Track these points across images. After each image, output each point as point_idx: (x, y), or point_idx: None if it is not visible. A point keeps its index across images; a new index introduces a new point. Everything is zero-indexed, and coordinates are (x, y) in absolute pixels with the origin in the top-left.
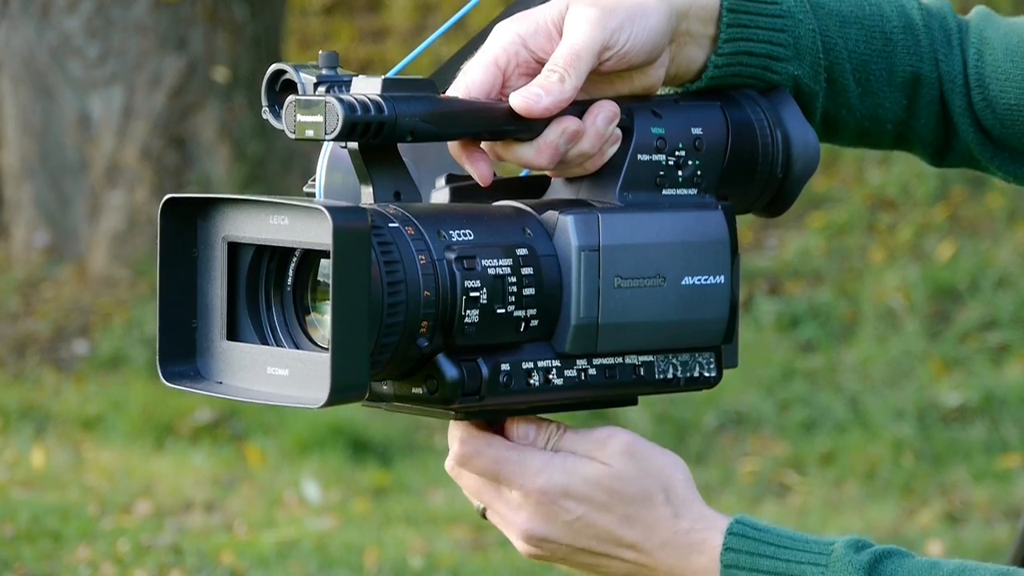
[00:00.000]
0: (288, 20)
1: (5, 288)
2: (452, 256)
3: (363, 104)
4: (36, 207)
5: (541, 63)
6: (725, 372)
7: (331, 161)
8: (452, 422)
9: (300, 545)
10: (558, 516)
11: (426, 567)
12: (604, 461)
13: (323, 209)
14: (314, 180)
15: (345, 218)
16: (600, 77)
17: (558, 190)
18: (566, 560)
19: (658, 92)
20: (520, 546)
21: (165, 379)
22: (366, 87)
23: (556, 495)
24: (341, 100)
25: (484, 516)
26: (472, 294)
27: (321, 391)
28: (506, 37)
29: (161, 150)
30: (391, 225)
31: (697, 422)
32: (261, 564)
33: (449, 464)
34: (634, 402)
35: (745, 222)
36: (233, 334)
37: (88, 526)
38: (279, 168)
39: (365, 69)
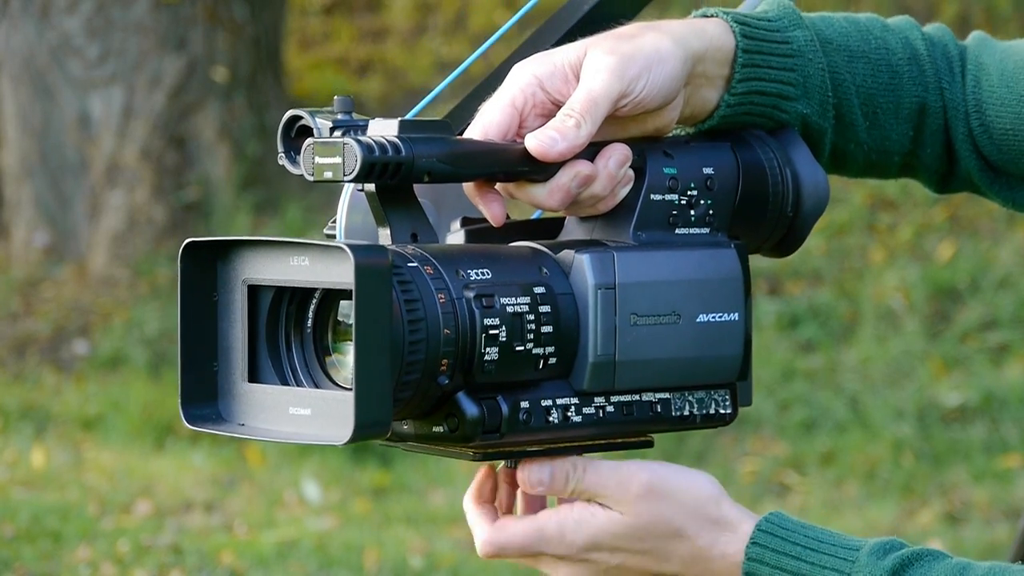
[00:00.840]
0: (288, 20)
1: (5, 288)
2: (471, 294)
3: (381, 145)
4: (36, 207)
5: (558, 105)
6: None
7: (351, 202)
8: (466, 505)
9: (300, 545)
10: (597, 566)
11: (426, 567)
12: (623, 511)
13: (345, 248)
14: (334, 222)
15: (366, 256)
16: (613, 119)
17: (572, 231)
18: None
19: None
20: None
21: (188, 422)
22: (383, 129)
23: (585, 552)
24: (359, 141)
25: None
26: (492, 331)
27: (345, 428)
28: (523, 78)
29: (161, 150)
30: (410, 264)
31: None
32: (261, 564)
33: (481, 552)
34: (650, 444)
35: None
36: (254, 376)
37: (88, 526)
38: (279, 168)
39: (365, 69)
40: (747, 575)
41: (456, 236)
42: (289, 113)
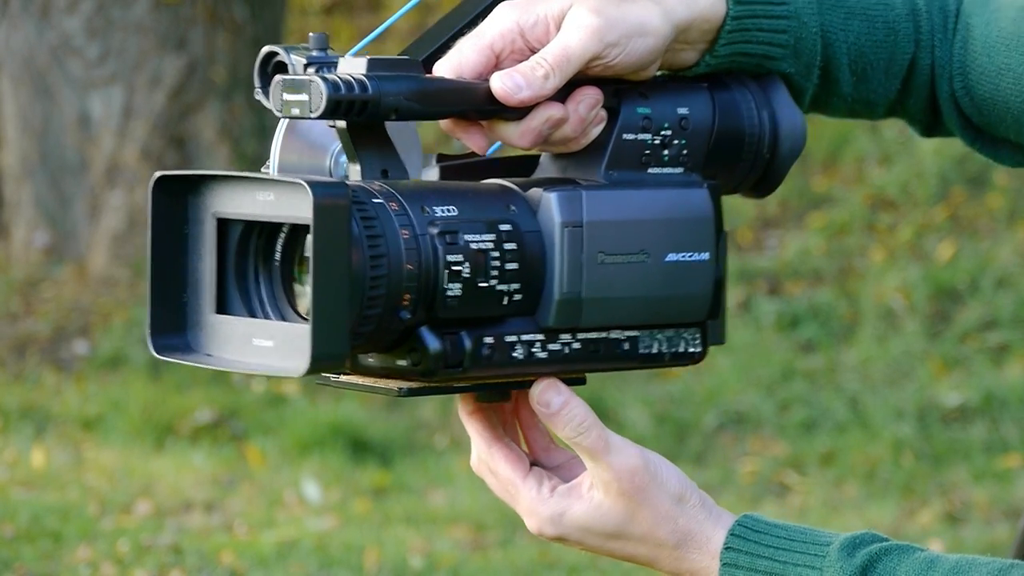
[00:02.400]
0: (288, 20)
1: (5, 288)
2: (435, 231)
3: (347, 83)
4: (36, 207)
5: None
6: (724, 368)
7: (284, 142)
8: (465, 419)
9: (300, 545)
10: (560, 538)
11: (426, 567)
12: (592, 497)
13: (304, 184)
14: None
15: (326, 193)
16: (584, 74)
17: (546, 168)
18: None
19: None
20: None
21: (156, 352)
22: (352, 67)
23: (551, 531)
24: (325, 79)
25: None
26: (455, 268)
27: (302, 360)
28: (505, 24)
29: (161, 150)
30: (375, 200)
31: (697, 422)
32: (261, 564)
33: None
34: (582, 381)
35: (745, 222)
36: (222, 307)
37: (88, 526)
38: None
39: None
40: None
41: (432, 172)
42: (266, 49)
